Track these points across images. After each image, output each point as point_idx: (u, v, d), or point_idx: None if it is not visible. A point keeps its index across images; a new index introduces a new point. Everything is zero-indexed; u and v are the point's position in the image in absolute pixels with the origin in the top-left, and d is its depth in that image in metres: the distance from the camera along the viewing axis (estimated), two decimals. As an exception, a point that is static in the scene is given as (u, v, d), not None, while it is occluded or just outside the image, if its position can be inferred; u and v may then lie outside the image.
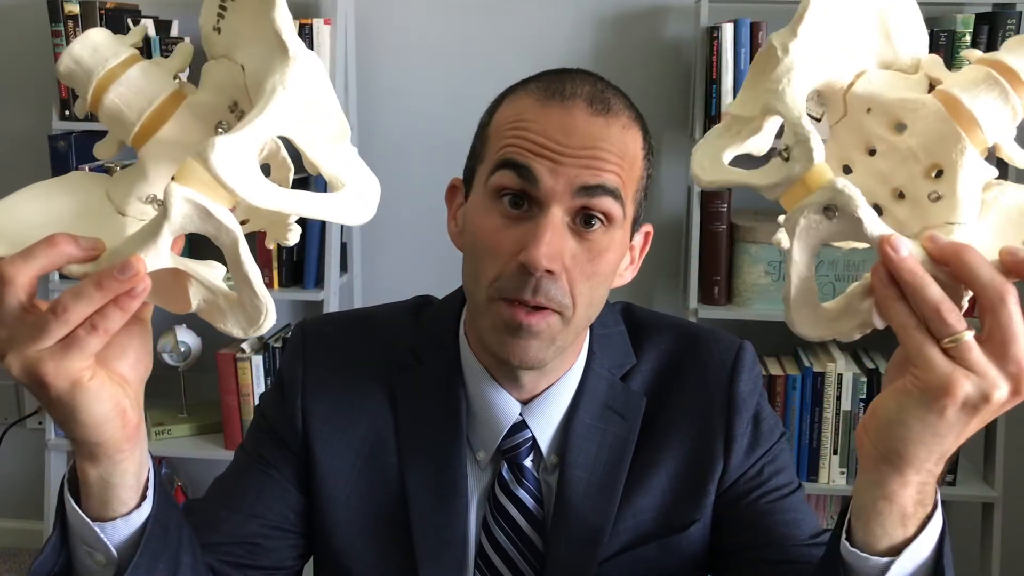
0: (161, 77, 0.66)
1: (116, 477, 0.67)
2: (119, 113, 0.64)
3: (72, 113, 2.16)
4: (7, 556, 2.59)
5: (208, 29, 0.66)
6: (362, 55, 2.31)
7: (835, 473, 2.11)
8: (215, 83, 0.66)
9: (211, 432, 2.27)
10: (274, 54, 0.61)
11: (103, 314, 0.59)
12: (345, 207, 0.63)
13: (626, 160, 0.85)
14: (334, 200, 0.63)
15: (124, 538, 0.70)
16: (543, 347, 0.83)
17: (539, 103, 0.84)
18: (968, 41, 2.00)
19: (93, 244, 0.60)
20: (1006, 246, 0.60)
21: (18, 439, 2.56)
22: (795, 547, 0.91)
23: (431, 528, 0.92)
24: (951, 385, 0.60)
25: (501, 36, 2.26)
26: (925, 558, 0.70)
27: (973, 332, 0.60)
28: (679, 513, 0.94)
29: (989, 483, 2.13)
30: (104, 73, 0.64)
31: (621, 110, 0.87)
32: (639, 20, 2.26)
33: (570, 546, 0.92)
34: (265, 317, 0.61)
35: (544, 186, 0.81)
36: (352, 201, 0.63)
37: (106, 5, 2.12)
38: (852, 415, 2.09)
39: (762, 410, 0.97)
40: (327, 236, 2.17)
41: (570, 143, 0.82)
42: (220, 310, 0.62)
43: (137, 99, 0.65)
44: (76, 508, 0.69)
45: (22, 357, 0.59)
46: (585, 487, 0.92)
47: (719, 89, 2.05)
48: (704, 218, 2.09)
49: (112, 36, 0.66)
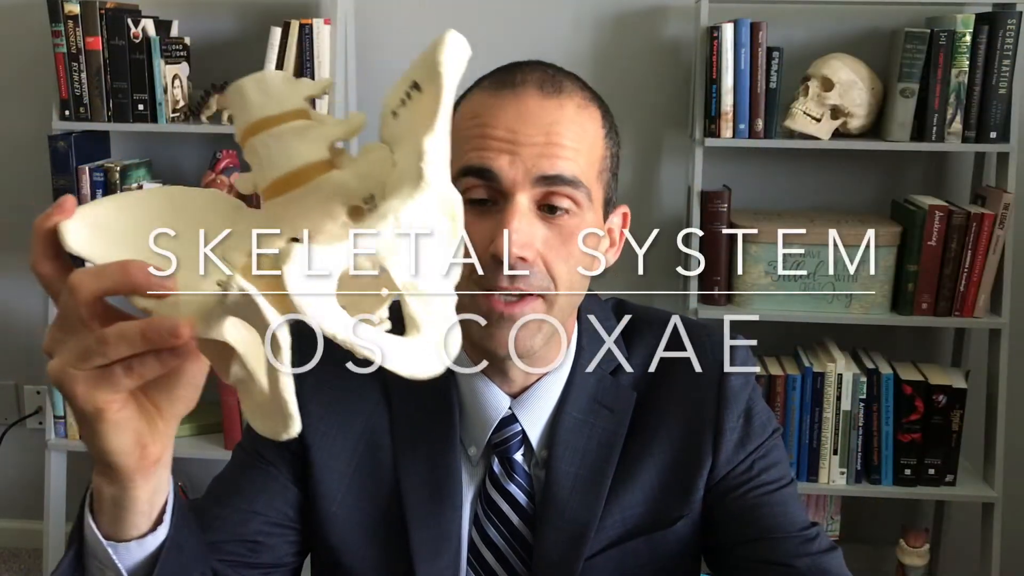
0: (316, 141, 0.62)
1: (127, 502, 0.66)
2: (259, 161, 0.61)
3: (72, 113, 2.16)
4: (7, 556, 2.59)
5: (387, 110, 0.62)
6: (362, 55, 2.31)
7: (835, 473, 2.11)
8: (364, 168, 0.61)
9: (211, 432, 2.27)
10: (412, 171, 0.57)
11: (142, 360, 0.57)
12: (413, 358, 0.56)
13: (584, 142, 0.85)
14: (403, 347, 0.56)
15: (136, 562, 0.69)
16: (529, 334, 0.84)
17: (491, 95, 0.86)
18: (968, 41, 2.00)
19: (163, 284, 0.57)
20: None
21: (18, 439, 2.56)
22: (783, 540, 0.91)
23: (427, 525, 0.92)
24: None
25: (501, 36, 2.26)
26: None
27: None
28: (667, 508, 0.94)
29: (989, 483, 2.13)
30: (260, 119, 0.61)
31: (574, 91, 0.87)
32: (639, 20, 2.26)
33: (557, 541, 0.92)
34: (286, 431, 0.57)
35: (505, 179, 0.82)
36: (423, 353, 0.57)
37: (106, 5, 2.12)
38: (852, 415, 2.09)
39: (754, 405, 0.96)
40: (327, 236, 2.17)
41: (525, 130, 0.83)
42: (251, 398, 0.59)
43: (280, 156, 0.61)
44: (93, 526, 0.68)
45: (60, 366, 0.58)
46: (572, 482, 0.92)
47: (719, 89, 2.05)
48: (704, 218, 2.09)
49: (289, 81, 0.63)
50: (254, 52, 2.15)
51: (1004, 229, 2.03)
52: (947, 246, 2.04)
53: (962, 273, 2.05)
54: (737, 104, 2.05)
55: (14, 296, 2.51)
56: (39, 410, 2.51)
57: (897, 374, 2.09)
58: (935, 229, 2.03)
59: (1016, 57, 2.01)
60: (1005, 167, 2.07)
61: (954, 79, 2.02)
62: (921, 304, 2.06)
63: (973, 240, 2.03)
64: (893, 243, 2.07)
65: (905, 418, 2.09)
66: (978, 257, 2.04)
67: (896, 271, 2.08)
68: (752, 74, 2.04)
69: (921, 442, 2.10)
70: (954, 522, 2.32)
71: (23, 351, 2.52)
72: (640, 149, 2.30)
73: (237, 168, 2.21)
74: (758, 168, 2.25)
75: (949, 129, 2.04)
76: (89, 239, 0.61)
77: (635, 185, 2.31)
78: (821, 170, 2.27)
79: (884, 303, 2.09)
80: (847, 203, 2.28)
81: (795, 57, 2.11)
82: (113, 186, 2.17)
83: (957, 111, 2.03)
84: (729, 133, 2.07)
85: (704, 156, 2.11)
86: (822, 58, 2.07)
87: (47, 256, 0.61)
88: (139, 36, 2.12)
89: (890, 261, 2.07)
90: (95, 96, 2.15)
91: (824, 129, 2.06)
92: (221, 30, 2.32)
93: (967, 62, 2.01)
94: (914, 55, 2.01)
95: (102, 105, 2.15)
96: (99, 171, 2.18)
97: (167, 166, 2.37)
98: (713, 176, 2.17)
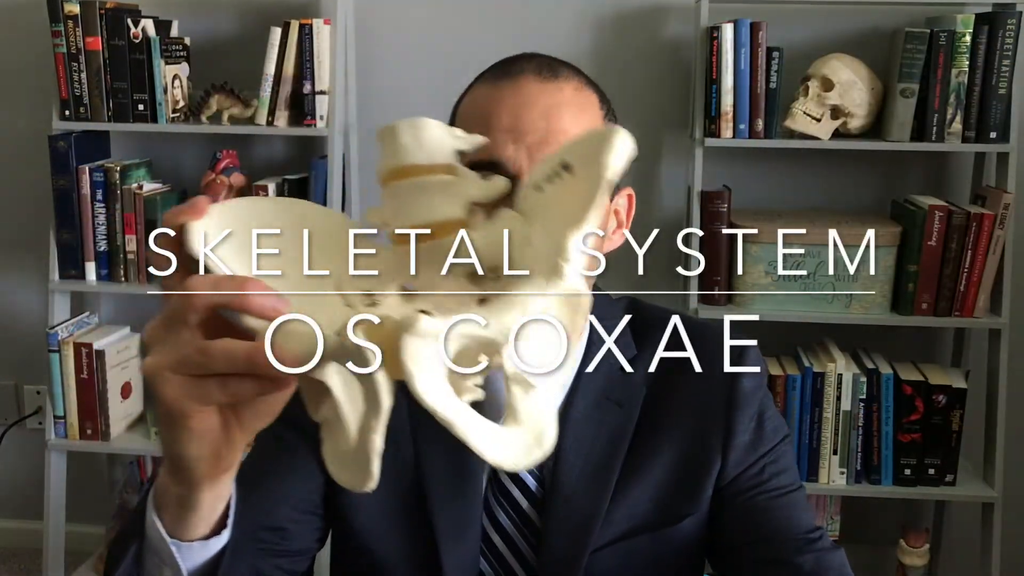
0: (456, 198, 0.61)
1: (192, 504, 0.66)
2: (398, 205, 0.61)
3: (72, 113, 2.16)
4: (6, 556, 2.59)
5: (532, 180, 0.61)
6: (362, 55, 2.31)
7: (835, 473, 2.11)
8: (495, 236, 0.60)
9: (211, 432, 2.27)
10: (550, 263, 0.56)
11: (239, 381, 0.56)
12: (502, 446, 0.55)
13: (584, 123, 0.87)
14: (496, 434, 0.54)
15: (198, 564, 0.69)
16: None
17: (492, 87, 0.89)
18: (968, 41, 2.00)
19: (277, 311, 0.55)
20: None
21: (18, 439, 2.55)
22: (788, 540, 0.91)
23: (449, 508, 0.93)
24: None
25: (501, 36, 2.26)
26: None
27: None
28: (675, 505, 0.94)
29: (989, 483, 2.13)
30: (409, 165, 0.61)
31: (571, 75, 0.89)
32: (639, 20, 2.26)
33: (563, 531, 0.93)
34: (362, 486, 0.56)
35: (511, 164, 0.84)
36: (514, 444, 0.55)
37: (106, 5, 2.12)
38: (852, 415, 2.09)
39: (767, 409, 0.97)
40: (327, 236, 2.17)
41: (526, 115, 0.85)
42: (334, 442, 0.58)
43: (421, 207, 0.61)
44: (158, 524, 0.68)
45: (157, 365, 0.57)
46: (578, 474, 0.93)
47: (719, 89, 2.05)
48: (704, 218, 2.09)
49: (444, 132, 0.62)
50: (254, 52, 2.15)
51: (1004, 229, 2.02)
52: (947, 246, 2.04)
53: (962, 273, 2.04)
54: (737, 104, 2.05)
55: (14, 296, 2.51)
56: (39, 410, 2.51)
57: (897, 374, 2.09)
58: (935, 229, 2.03)
59: (1016, 57, 2.01)
60: (1005, 167, 2.07)
61: (954, 79, 2.02)
62: (921, 304, 2.06)
63: (973, 240, 2.03)
64: (893, 243, 2.06)
65: (905, 418, 2.09)
66: (978, 257, 2.04)
67: (896, 271, 2.08)
68: (752, 74, 2.04)
69: (921, 442, 2.10)
70: (954, 522, 2.32)
71: (23, 351, 2.52)
72: (640, 149, 2.28)
73: (237, 168, 2.21)
74: (758, 168, 2.25)
75: (949, 129, 2.04)
76: (214, 243, 0.60)
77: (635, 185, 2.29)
78: (821, 170, 2.27)
79: (884, 303, 2.09)
80: (847, 203, 2.28)
81: (795, 57, 2.11)
82: (113, 186, 2.17)
83: (957, 111, 2.03)
84: (729, 133, 2.06)
85: (704, 156, 2.11)
86: (822, 58, 2.07)
87: (169, 250, 0.60)
88: (139, 36, 2.12)
89: (890, 261, 2.07)
90: (95, 96, 2.15)
91: (824, 129, 2.06)
92: (221, 30, 2.32)
93: (967, 62, 2.01)
94: (914, 55, 2.01)
95: (102, 105, 2.15)
96: (99, 171, 2.18)
97: (167, 166, 2.37)
98: (713, 176, 2.17)
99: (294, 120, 2.17)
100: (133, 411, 2.32)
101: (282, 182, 2.17)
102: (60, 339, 2.19)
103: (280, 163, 2.36)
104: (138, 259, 2.20)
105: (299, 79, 2.13)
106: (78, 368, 2.20)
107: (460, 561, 0.93)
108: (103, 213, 2.19)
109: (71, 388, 2.21)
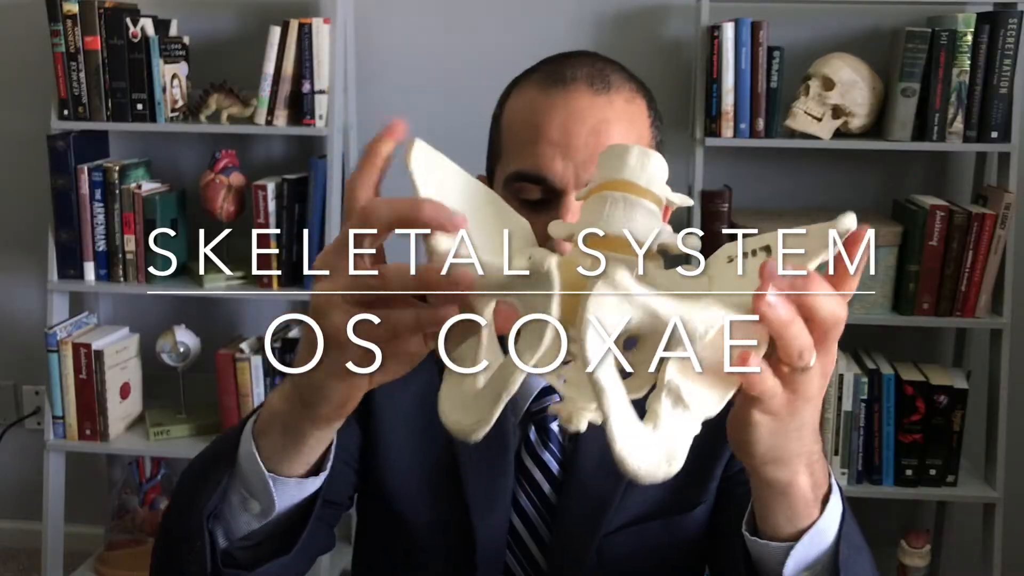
0: (653, 227, 0.60)
1: (300, 439, 0.67)
2: (597, 212, 0.59)
3: (71, 113, 2.16)
4: (5, 556, 2.59)
5: (728, 252, 0.60)
6: (362, 55, 2.30)
7: (836, 474, 2.10)
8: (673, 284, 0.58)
9: (210, 433, 2.26)
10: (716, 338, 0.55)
11: (402, 312, 0.55)
12: (643, 452, 0.53)
13: (632, 135, 0.87)
14: (641, 436, 0.53)
15: (289, 504, 0.70)
16: None
17: (542, 92, 0.88)
18: (969, 40, 2.00)
19: (455, 224, 0.55)
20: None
21: (17, 439, 2.55)
22: None
23: (481, 478, 0.94)
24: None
25: (501, 36, 2.26)
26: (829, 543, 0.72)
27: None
28: (688, 492, 0.96)
29: (990, 484, 2.12)
30: (629, 180, 0.61)
31: (622, 84, 0.89)
32: (639, 20, 2.26)
33: (578, 513, 0.94)
34: (474, 433, 0.55)
35: (558, 181, 0.85)
36: (655, 453, 0.54)
37: (105, 4, 2.12)
38: (852, 415, 2.09)
39: None
40: (327, 236, 2.16)
41: (576, 130, 0.85)
42: (457, 385, 0.57)
43: (622, 220, 0.59)
44: (255, 454, 0.68)
45: (327, 288, 0.56)
46: (598, 459, 0.94)
47: (720, 88, 2.04)
48: (705, 218, 2.09)
49: (664, 172, 0.63)
50: (253, 52, 2.14)
51: (1005, 229, 2.02)
52: (948, 246, 2.04)
53: (963, 273, 2.04)
54: (738, 103, 2.05)
55: (12, 296, 2.51)
56: (38, 410, 2.51)
57: (898, 374, 2.08)
58: (936, 229, 2.03)
59: (1017, 57, 2.00)
60: (1006, 167, 2.07)
61: (955, 79, 2.01)
62: (922, 304, 2.06)
63: (974, 240, 2.03)
64: (894, 243, 2.06)
65: (906, 418, 2.08)
66: (979, 257, 2.03)
67: (897, 271, 2.08)
68: (753, 73, 2.03)
69: (922, 442, 2.09)
70: (955, 523, 2.31)
71: (22, 351, 2.51)
72: (640, 149, 2.30)
73: (236, 168, 2.20)
74: (759, 168, 2.25)
75: (950, 129, 2.03)
76: (425, 168, 0.61)
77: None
78: (822, 170, 2.27)
79: (885, 303, 2.08)
80: (848, 203, 2.27)
81: (796, 56, 2.10)
82: (112, 186, 2.17)
83: (958, 111, 2.03)
84: (730, 133, 2.06)
85: (705, 156, 2.10)
86: (823, 57, 2.07)
87: (371, 175, 0.61)
88: (138, 35, 2.11)
89: (891, 261, 2.06)
90: (94, 96, 2.14)
91: (825, 129, 2.05)
92: (220, 29, 2.32)
93: (968, 62, 2.01)
94: (915, 54, 2.00)
95: (101, 105, 2.15)
96: (98, 171, 2.17)
97: (166, 166, 2.37)
98: (714, 176, 2.16)
99: (293, 119, 2.16)
100: (132, 411, 2.31)
101: (281, 182, 2.16)
102: (59, 339, 2.19)
103: (279, 163, 2.36)
104: (137, 259, 2.19)
105: (298, 78, 2.13)
106: (77, 368, 2.19)
107: (491, 533, 0.94)
108: (102, 213, 2.19)
109: (70, 388, 2.21)
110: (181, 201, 2.27)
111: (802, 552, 0.71)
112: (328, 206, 2.16)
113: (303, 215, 2.19)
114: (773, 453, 0.63)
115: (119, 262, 2.20)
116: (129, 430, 2.29)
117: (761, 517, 0.71)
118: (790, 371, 0.56)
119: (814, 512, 0.70)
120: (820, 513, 0.70)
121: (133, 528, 2.33)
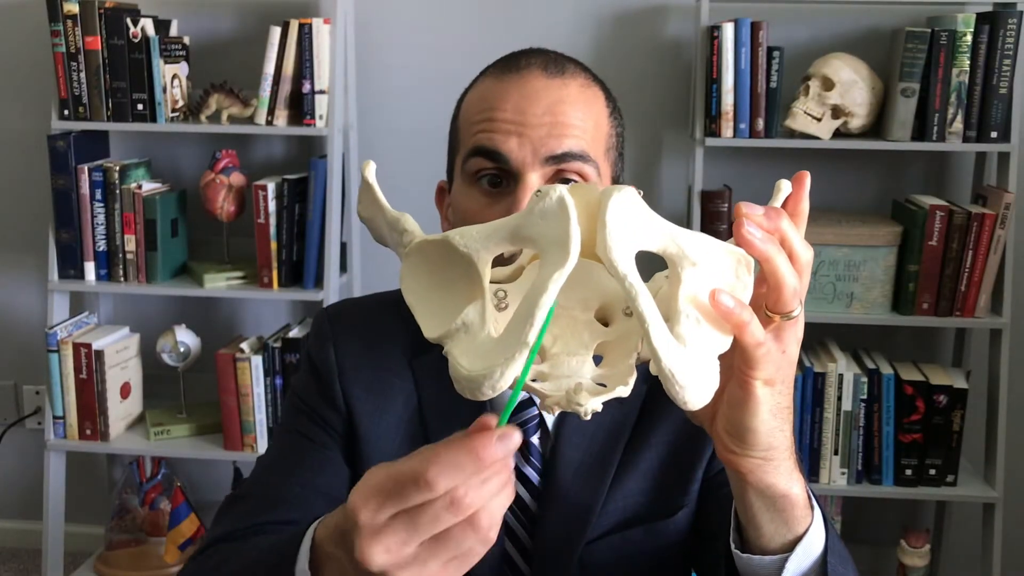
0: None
1: None
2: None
3: (71, 113, 2.16)
4: (6, 556, 2.59)
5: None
6: (362, 55, 2.31)
7: (835, 473, 2.10)
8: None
9: (210, 432, 2.26)
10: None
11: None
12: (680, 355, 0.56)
13: (590, 119, 0.87)
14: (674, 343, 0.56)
15: None
16: None
17: (497, 80, 0.89)
18: (969, 40, 2.00)
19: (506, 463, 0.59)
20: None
21: (17, 439, 2.55)
22: None
23: None
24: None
25: (501, 36, 2.26)
26: (818, 554, 0.72)
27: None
28: (668, 497, 0.95)
29: (990, 483, 2.13)
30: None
31: (577, 71, 0.90)
32: (639, 20, 2.26)
33: (559, 523, 0.94)
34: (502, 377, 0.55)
35: (514, 160, 0.84)
36: (690, 361, 0.56)
37: (105, 4, 2.12)
38: (852, 415, 2.09)
39: None
40: (327, 236, 2.16)
41: (531, 110, 0.85)
42: (472, 339, 0.58)
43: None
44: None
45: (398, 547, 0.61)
46: (576, 468, 0.94)
47: (719, 89, 2.04)
48: (704, 218, 2.09)
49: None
50: (253, 52, 2.14)
51: (1005, 229, 2.02)
52: (948, 246, 2.04)
53: (963, 273, 2.04)
54: (737, 104, 2.05)
55: (13, 296, 2.51)
56: (38, 410, 2.51)
57: (898, 374, 2.08)
58: (936, 229, 2.03)
59: (1017, 57, 2.00)
60: (1006, 167, 2.07)
61: (955, 79, 2.01)
62: (922, 304, 2.06)
63: (974, 240, 2.03)
64: (894, 243, 2.06)
65: (906, 418, 2.08)
66: (979, 257, 2.03)
67: (897, 271, 2.08)
68: (752, 74, 2.03)
69: (922, 442, 2.10)
70: (955, 522, 2.31)
71: (23, 351, 2.52)
72: (640, 149, 2.30)
73: (236, 168, 2.21)
74: (759, 168, 2.25)
75: (950, 129, 2.04)
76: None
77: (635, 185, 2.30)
78: (822, 170, 2.27)
79: (885, 303, 2.08)
80: (848, 203, 2.27)
81: (796, 56, 2.10)
82: (112, 186, 2.17)
83: (958, 111, 2.03)
84: (730, 133, 2.06)
85: (704, 156, 2.10)
86: (823, 57, 2.07)
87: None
88: (138, 36, 2.11)
89: (891, 261, 2.07)
90: (94, 96, 2.14)
91: (825, 129, 2.05)
92: (220, 29, 2.32)
93: (968, 62, 2.01)
94: (915, 54, 2.01)
95: (101, 105, 2.15)
96: (98, 171, 2.18)
97: (166, 166, 2.37)
98: (714, 176, 2.16)
99: (293, 120, 2.16)
100: (132, 411, 2.31)
101: (281, 182, 2.16)
102: (59, 339, 2.19)
103: (279, 163, 2.36)
104: (137, 259, 2.20)
105: (298, 79, 2.13)
106: (77, 368, 2.20)
107: None
108: (102, 213, 2.19)
109: (70, 388, 2.21)
110: (181, 201, 2.27)
111: (796, 562, 0.71)
112: (328, 206, 2.16)
113: (303, 215, 2.19)
114: (769, 439, 0.64)
115: (119, 262, 2.20)
116: (129, 430, 2.30)
117: (754, 530, 0.71)
118: (777, 321, 0.61)
119: (808, 516, 0.71)
120: (812, 518, 0.71)
121: (133, 528, 2.33)
